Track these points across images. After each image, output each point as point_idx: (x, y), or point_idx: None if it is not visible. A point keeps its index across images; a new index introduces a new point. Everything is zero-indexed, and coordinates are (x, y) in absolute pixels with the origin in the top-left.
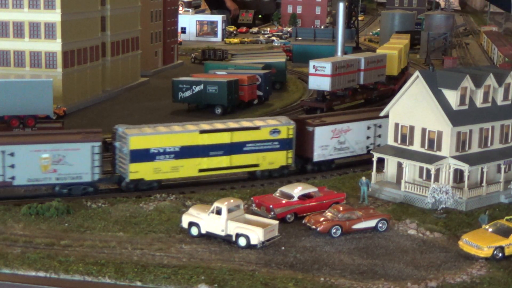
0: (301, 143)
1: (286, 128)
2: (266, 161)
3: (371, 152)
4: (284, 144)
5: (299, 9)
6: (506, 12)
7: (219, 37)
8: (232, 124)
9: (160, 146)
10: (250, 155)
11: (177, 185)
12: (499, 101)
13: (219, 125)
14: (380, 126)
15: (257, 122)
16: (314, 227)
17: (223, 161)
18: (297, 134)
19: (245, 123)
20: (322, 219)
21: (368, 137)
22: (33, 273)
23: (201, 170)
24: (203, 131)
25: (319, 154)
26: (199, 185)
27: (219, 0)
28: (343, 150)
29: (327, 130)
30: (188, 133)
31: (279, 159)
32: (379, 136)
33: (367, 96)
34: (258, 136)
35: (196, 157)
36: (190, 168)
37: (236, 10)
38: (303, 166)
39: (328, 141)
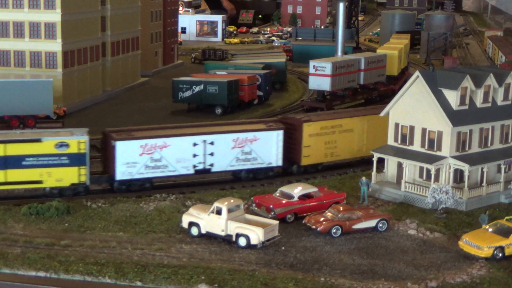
0: (105, 159)
1: (76, 142)
2: (52, 178)
3: (371, 152)
4: (74, 160)
5: (299, 9)
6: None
7: (219, 37)
8: (11, 135)
9: None
10: (30, 170)
11: (177, 185)
12: (499, 101)
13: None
14: (212, 143)
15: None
16: (314, 227)
17: None
18: (103, 148)
19: (28, 134)
20: (322, 219)
21: (195, 155)
22: (33, 273)
23: None
24: None
25: (123, 172)
26: (199, 185)
27: (216, 0)
28: (160, 168)
29: (135, 145)
30: None
31: (69, 176)
32: (212, 154)
33: (367, 96)
34: (40, 149)
35: None
36: None
37: (232, 10)
38: (111, 184)
39: (137, 157)
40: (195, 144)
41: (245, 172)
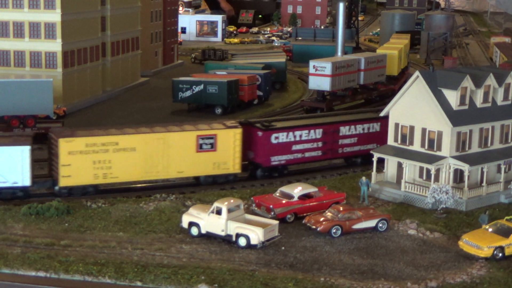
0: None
1: None
2: None
3: (371, 152)
4: None
5: (299, 9)
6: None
7: (219, 37)
8: None
9: None
10: None
11: (177, 185)
12: (499, 101)
13: None
14: None
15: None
16: (314, 227)
17: None
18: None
19: None
20: (322, 219)
21: None
22: (33, 273)
23: None
24: None
25: None
26: (199, 185)
27: (215, 1)
28: None
29: None
30: None
31: None
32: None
33: (367, 96)
34: None
35: None
36: None
37: (231, 11)
38: None
39: None
40: None
41: None
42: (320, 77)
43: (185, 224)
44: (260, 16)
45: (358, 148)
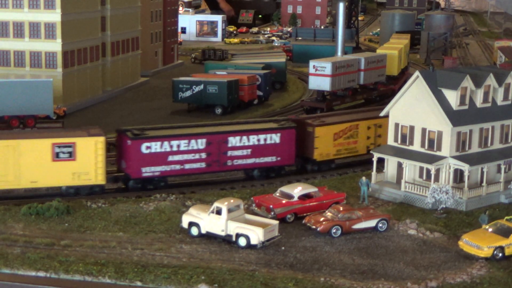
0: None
1: None
2: None
3: (371, 152)
4: None
5: (299, 9)
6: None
7: (219, 37)
8: None
9: None
10: None
11: (177, 185)
12: (499, 101)
13: None
14: None
15: None
16: (314, 227)
17: None
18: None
19: None
20: (322, 219)
21: None
22: (33, 273)
23: None
24: None
25: None
26: (199, 185)
27: (215, 1)
28: None
29: None
30: None
31: None
32: None
33: (367, 96)
34: None
35: None
36: None
37: (230, 12)
38: None
39: None
40: None
41: None
42: (320, 77)
43: (185, 224)
44: (260, 16)
45: (252, 160)
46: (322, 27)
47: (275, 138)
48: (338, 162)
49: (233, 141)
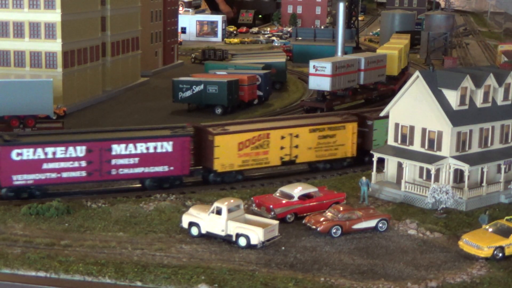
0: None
1: None
2: None
3: (371, 152)
4: None
5: (299, 9)
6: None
7: (219, 37)
8: None
9: None
10: None
11: (177, 185)
12: (499, 101)
13: None
14: None
15: None
16: (314, 227)
17: None
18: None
19: None
20: (322, 219)
21: None
22: (33, 273)
23: None
24: None
25: None
26: (199, 185)
27: (215, 2)
28: None
29: None
30: None
31: None
32: None
33: (367, 96)
34: None
35: None
36: None
37: (230, 13)
38: None
39: None
40: None
41: None
42: (320, 77)
43: (185, 224)
44: (260, 16)
45: (141, 170)
46: (322, 27)
47: (167, 146)
48: (251, 174)
49: (118, 149)
